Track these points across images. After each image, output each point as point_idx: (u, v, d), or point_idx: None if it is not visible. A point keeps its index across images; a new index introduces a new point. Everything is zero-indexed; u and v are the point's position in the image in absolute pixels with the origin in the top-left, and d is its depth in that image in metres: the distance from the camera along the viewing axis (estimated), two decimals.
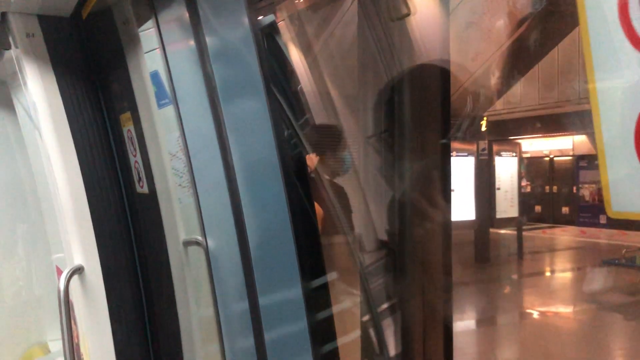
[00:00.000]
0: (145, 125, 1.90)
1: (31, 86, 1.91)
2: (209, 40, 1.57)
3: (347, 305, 1.95)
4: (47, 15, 1.92)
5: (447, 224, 1.70)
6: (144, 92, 1.88)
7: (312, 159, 1.87)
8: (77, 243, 1.90)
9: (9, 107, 3.03)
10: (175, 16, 1.70)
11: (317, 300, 1.58)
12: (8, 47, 2.00)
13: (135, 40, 1.86)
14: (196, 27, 1.58)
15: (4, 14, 1.91)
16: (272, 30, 2.00)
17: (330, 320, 1.67)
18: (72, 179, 1.90)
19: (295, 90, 2.18)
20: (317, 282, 1.63)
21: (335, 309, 1.75)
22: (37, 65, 1.90)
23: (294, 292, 1.53)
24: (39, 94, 1.90)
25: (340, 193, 2.13)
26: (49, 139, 1.90)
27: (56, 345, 3.13)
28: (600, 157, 0.63)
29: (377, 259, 1.90)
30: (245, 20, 1.54)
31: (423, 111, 1.76)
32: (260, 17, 1.91)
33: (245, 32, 1.54)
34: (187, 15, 1.60)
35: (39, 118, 1.92)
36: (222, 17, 1.59)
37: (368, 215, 2.00)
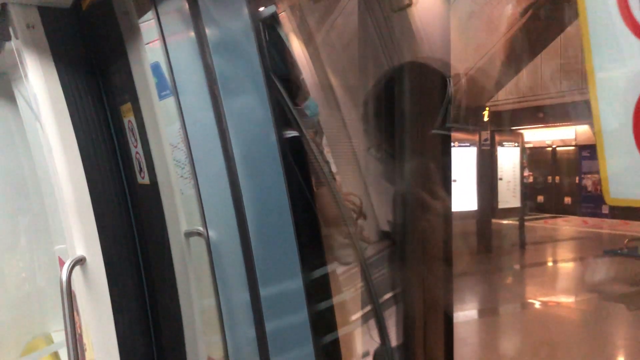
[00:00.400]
0: (146, 116, 1.90)
1: (32, 77, 1.91)
2: (209, 31, 1.57)
3: (348, 295, 1.95)
4: (47, 6, 1.92)
5: (447, 215, 1.70)
6: (145, 83, 1.88)
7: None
8: (78, 234, 1.90)
9: (10, 98, 3.03)
10: (175, 7, 1.69)
11: (318, 290, 1.59)
12: (8, 39, 2.00)
13: (135, 32, 1.86)
14: (196, 18, 1.58)
15: (4, 5, 1.90)
16: (272, 21, 2.00)
17: (331, 310, 1.68)
18: (73, 169, 1.91)
19: (297, 80, 2.18)
20: (318, 273, 1.63)
21: (336, 299, 1.76)
22: (38, 56, 1.90)
23: (295, 283, 1.54)
24: (39, 85, 1.90)
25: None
26: (50, 130, 1.91)
27: (59, 336, 3.15)
28: (598, 145, 0.63)
29: (377, 250, 1.91)
30: (246, 11, 1.54)
31: (422, 101, 1.76)
32: (260, 8, 1.91)
33: (246, 22, 1.54)
34: (187, 6, 1.60)
35: (39, 109, 1.92)
36: (222, 8, 1.59)
37: (368, 206, 2.00)
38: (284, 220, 1.57)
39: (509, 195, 11.61)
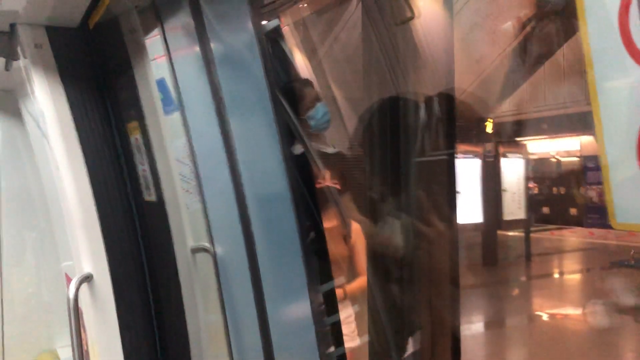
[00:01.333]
0: (152, 132, 1.91)
1: (39, 95, 1.92)
2: (214, 47, 1.58)
3: (355, 312, 1.95)
4: (55, 26, 1.94)
5: (453, 231, 1.70)
6: (151, 100, 1.89)
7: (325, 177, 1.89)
8: (86, 251, 1.91)
9: (18, 115, 3.05)
10: (181, 24, 1.71)
11: (325, 307, 1.58)
12: (17, 58, 2.02)
13: (141, 49, 1.88)
14: (201, 35, 1.60)
15: (12, 26, 1.93)
16: (277, 36, 2.01)
17: (337, 327, 1.67)
18: (80, 187, 1.92)
19: (302, 93, 2.19)
20: (324, 289, 1.63)
21: (343, 316, 1.75)
22: (45, 75, 1.91)
23: (302, 299, 1.54)
24: (47, 103, 1.91)
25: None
26: (57, 148, 1.92)
27: (66, 352, 3.14)
28: (603, 170, 0.63)
29: (384, 265, 1.90)
30: (250, 27, 1.55)
31: (426, 115, 1.77)
32: (264, 23, 1.92)
33: (250, 39, 1.55)
34: (192, 23, 1.61)
35: (47, 127, 1.93)
36: (227, 25, 1.60)
37: (375, 220, 2.00)
38: (291, 235, 1.56)
39: (514, 206, 11.54)
